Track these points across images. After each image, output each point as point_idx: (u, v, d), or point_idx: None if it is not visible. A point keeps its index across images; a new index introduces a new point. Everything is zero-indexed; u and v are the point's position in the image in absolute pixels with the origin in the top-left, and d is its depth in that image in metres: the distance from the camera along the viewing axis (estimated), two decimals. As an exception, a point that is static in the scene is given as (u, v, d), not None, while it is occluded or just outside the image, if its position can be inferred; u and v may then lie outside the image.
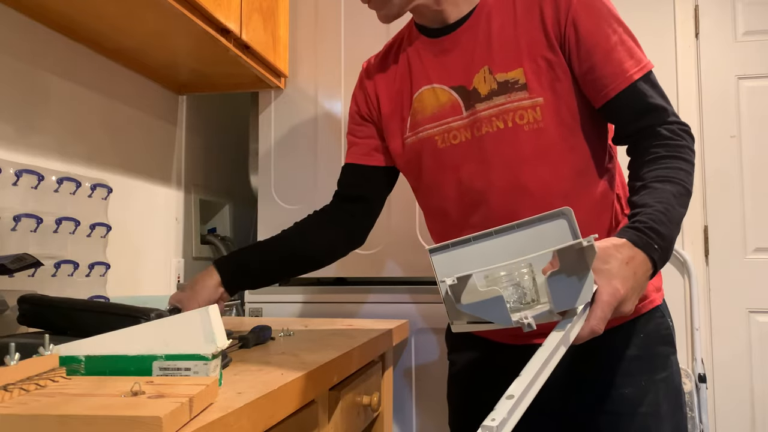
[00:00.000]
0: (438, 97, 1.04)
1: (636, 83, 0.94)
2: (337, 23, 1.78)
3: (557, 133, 0.97)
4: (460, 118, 1.02)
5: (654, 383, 0.99)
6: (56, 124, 1.39)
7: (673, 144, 0.92)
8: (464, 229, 1.01)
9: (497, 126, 0.98)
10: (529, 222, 0.82)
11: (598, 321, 0.74)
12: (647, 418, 0.97)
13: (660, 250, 0.82)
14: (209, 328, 0.67)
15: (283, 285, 1.79)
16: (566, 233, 0.81)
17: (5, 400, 0.56)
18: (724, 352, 1.98)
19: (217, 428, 0.58)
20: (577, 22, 0.95)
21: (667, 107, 0.95)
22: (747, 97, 2.03)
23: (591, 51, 0.95)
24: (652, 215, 0.83)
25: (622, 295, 0.76)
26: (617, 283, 0.76)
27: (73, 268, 1.29)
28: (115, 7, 1.28)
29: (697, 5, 2.08)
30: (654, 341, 1.01)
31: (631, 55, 0.95)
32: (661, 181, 0.88)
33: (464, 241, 0.83)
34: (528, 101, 0.96)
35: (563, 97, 0.97)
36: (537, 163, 0.98)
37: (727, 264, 2.01)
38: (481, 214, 1.01)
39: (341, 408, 1.04)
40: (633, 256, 0.79)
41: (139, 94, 1.72)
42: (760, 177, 2.00)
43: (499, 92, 0.97)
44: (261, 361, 0.89)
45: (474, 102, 1.00)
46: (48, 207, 1.25)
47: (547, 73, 0.96)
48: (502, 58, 0.98)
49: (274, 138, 1.81)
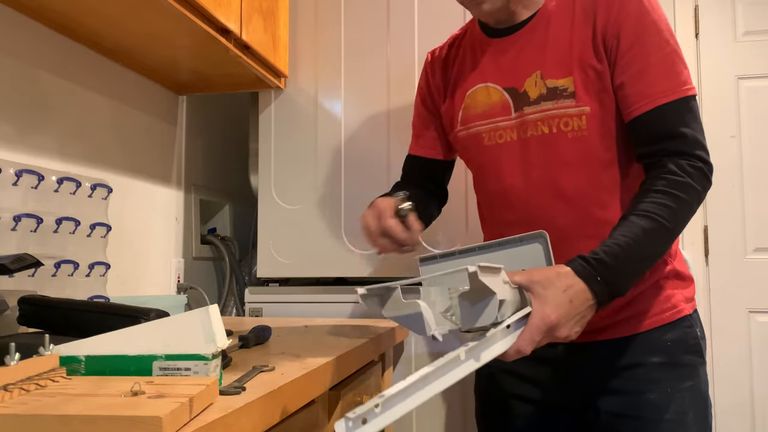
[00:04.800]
0: (490, 96, 1.06)
1: (662, 107, 0.92)
2: (337, 23, 1.78)
3: (599, 143, 0.98)
4: (509, 118, 1.04)
5: (680, 391, 0.98)
6: (56, 124, 1.39)
7: (672, 180, 0.90)
8: (501, 227, 1.06)
9: (542, 130, 1.00)
10: (509, 241, 0.89)
11: (525, 342, 0.77)
12: (672, 425, 0.97)
13: (603, 283, 0.82)
14: (209, 328, 0.67)
15: (283, 285, 1.79)
16: (540, 256, 0.86)
17: (5, 400, 0.56)
18: (724, 352, 1.98)
19: (217, 428, 0.58)
20: (620, 34, 0.95)
21: (689, 137, 0.92)
22: (747, 97, 2.03)
23: (627, 66, 0.95)
24: (608, 248, 0.84)
25: (551, 321, 0.78)
26: (548, 308, 0.78)
27: (73, 268, 1.29)
28: (115, 7, 1.28)
29: (697, 5, 2.08)
30: (681, 350, 1.00)
31: (668, 77, 0.93)
32: (638, 215, 0.88)
33: (450, 254, 0.90)
34: (574, 109, 0.97)
35: (609, 108, 0.97)
36: (576, 170, 0.99)
37: (727, 264, 2.01)
38: (517, 214, 1.03)
39: (341, 408, 1.04)
40: (571, 285, 0.81)
41: (139, 94, 1.72)
42: (760, 177, 2.00)
43: (548, 98, 0.99)
44: (261, 361, 0.89)
45: (523, 104, 1.02)
46: (48, 207, 1.25)
47: (595, 83, 0.97)
48: (554, 65, 0.99)
49: (274, 138, 1.81)
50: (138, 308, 0.83)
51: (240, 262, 2.12)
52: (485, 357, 0.72)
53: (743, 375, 1.97)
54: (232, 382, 0.72)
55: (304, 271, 1.75)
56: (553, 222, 0.91)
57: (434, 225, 1.36)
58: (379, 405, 0.55)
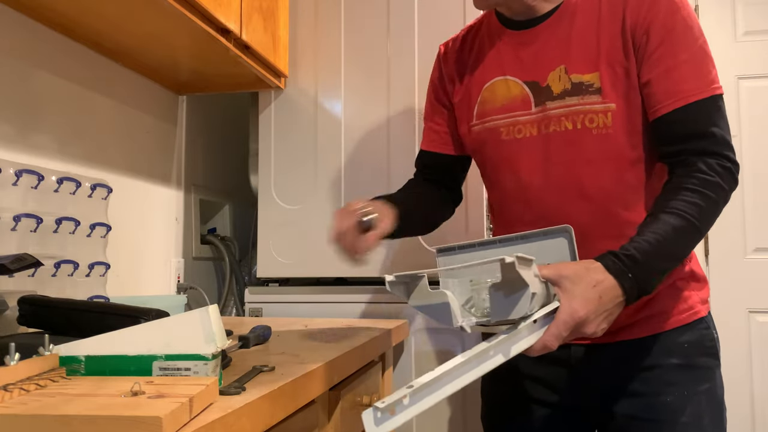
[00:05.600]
0: (510, 89, 1.03)
1: (691, 105, 0.91)
2: (337, 23, 1.78)
3: (624, 141, 0.96)
4: (529, 113, 1.01)
5: (696, 394, 0.97)
6: (56, 124, 1.39)
7: (702, 178, 0.89)
8: (517, 226, 1.01)
9: (566, 126, 0.98)
10: (532, 235, 0.85)
11: (551, 338, 0.76)
12: (688, 428, 0.96)
13: (634, 279, 0.81)
14: (209, 328, 0.67)
15: (283, 285, 1.79)
16: (565, 251, 0.83)
17: (5, 400, 0.56)
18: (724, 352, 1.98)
19: (217, 428, 0.58)
20: (650, 31, 0.93)
21: (717, 136, 0.91)
22: (747, 97, 2.03)
23: (655, 64, 0.93)
24: (638, 244, 0.83)
25: (580, 317, 0.77)
26: (577, 304, 0.77)
27: (73, 268, 1.29)
28: (115, 7, 1.28)
29: (697, 5, 2.08)
30: (697, 352, 0.99)
31: (697, 77, 0.92)
32: (668, 213, 0.86)
33: (469, 246, 0.86)
34: (600, 105, 0.95)
35: (635, 105, 0.95)
36: (599, 169, 0.97)
37: (727, 264, 2.01)
38: (535, 212, 1.01)
39: (341, 408, 1.04)
40: (601, 281, 0.80)
41: (139, 94, 1.72)
42: (760, 177, 2.00)
43: (573, 93, 0.97)
44: (261, 361, 0.89)
45: (545, 99, 0.99)
46: (48, 207, 1.25)
47: (623, 80, 0.95)
48: (580, 60, 0.97)
49: (274, 138, 1.81)
50: (138, 308, 0.83)
51: (240, 262, 2.12)
52: (513, 351, 0.71)
53: (743, 375, 1.97)
54: (232, 382, 0.72)
55: (304, 271, 1.75)
56: (573, 221, 0.88)
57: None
58: (407, 396, 0.55)
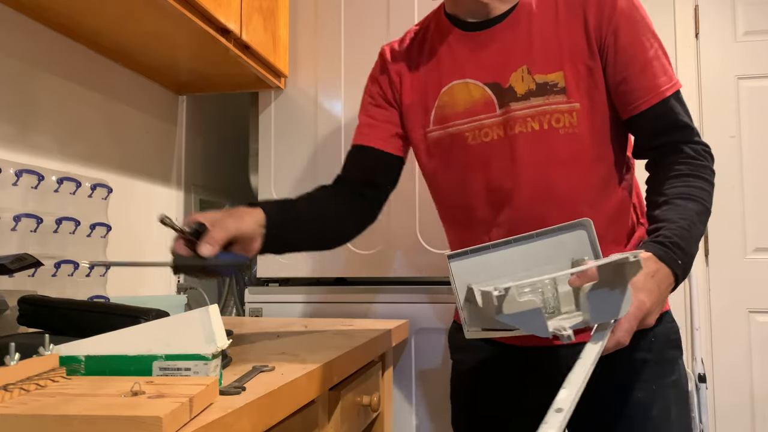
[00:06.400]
0: (471, 93, 1.02)
1: (667, 99, 0.95)
2: (337, 23, 1.78)
3: (589, 140, 0.97)
4: (494, 115, 1.01)
5: (665, 388, 0.99)
6: (56, 124, 1.39)
7: (696, 164, 0.93)
8: (491, 228, 1.02)
9: (532, 127, 0.98)
10: (548, 231, 0.83)
11: (624, 333, 0.76)
12: (658, 421, 0.97)
13: (682, 265, 0.83)
14: (209, 328, 0.67)
15: (283, 285, 1.79)
16: (585, 244, 0.82)
17: (5, 400, 0.56)
18: (724, 352, 1.98)
19: (217, 428, 0.58)
20: (618, 31, 0.95)
21: (692, 126, 0.96)
22: (747, 97, 2.03)
23: (628, 62, 0.95)
24: (676, 231, 0.85)
25: (647, 308, 0.78)
26: (643, 295, 0.78)
27: (73, 268, 1.29)
28: (115, 7, 1.28)
29: (697, 5, 2.08)
30: (665, 345, 1.01)
31: (664, 71, 0.96)
32: (684, 199, 0.89)
33: (483, 248, 0.82)
34: (566, 105, 0.96)
35: (598, 105, 0.97)
36: (568, 168, 0.98)
37: (727, 264, 2.01)
38: (507, 213, 1.01)
39: (341, 408, 1.04)
40: (657, 270, 0.81)
41: (139, 94, 1.72)
42: (760, 177, 2.00)
43: (537, 93, 0.97)
44: (261, 361, 0.89)
45: (509, 100, 0.99)
46: (48, 207, 1.25)
47: (586, 79, 0.96)
48: (543, 59, 0.98)
49: (274, 138, 1.81)
50: (138, 308, 0.83)
51: (240, 262, 2.12)
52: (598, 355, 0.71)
53: (743, 375, 1.97)
54: (232, 382, 0.72)
55: (304, 271, 1.75)
56: (544, 221, 0.88)
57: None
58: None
